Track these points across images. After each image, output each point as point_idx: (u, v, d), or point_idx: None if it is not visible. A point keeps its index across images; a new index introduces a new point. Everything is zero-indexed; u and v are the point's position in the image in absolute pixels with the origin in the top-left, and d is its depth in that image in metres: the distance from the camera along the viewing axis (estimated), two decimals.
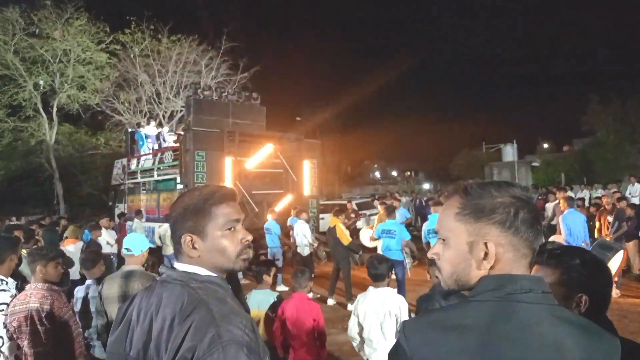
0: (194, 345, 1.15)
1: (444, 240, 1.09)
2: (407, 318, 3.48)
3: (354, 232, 12.00)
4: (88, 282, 4.15)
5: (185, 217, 1.37)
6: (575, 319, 1.00)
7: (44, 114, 21.59)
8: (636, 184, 13.26)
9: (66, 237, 8.04)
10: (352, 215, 13.51)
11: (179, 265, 1.38)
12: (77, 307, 4.04)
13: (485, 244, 1.02)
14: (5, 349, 3.09)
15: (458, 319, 0.97)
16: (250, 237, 1.43)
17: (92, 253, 4.35)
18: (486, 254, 1.02)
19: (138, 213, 11.34)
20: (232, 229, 1.38)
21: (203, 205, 1.37)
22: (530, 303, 0.96)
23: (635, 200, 12.01)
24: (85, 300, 4.01)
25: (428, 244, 7.44)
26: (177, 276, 1.33)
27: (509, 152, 31.35)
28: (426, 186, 36.53)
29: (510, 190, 1.04)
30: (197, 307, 1.21)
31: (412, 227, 16.70)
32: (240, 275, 9.99)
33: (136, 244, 3.51)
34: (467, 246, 1.04)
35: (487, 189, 1.05)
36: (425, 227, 7.67)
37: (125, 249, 3.50)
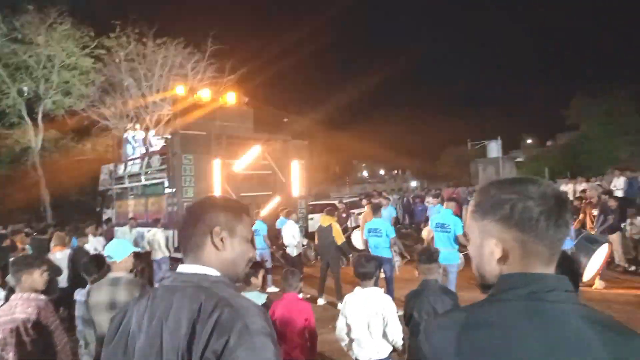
0: (223, 338, 1.16)
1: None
2: (393, 317, 3.51)
3: (344, 233, 12.04)
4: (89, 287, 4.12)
5: (218, 212, 1.40)
6: (601, 318, 0.97)
7: (28, 121, 21.30)
8: (621, 177, 13.42)
9: (54, 245, 7.97)
10: (344, 215, 13.56)
11: (186, 267, 1.37)
12: (78, 311, 4.02)
13: (491, 240, 1.05)
14: None
15: (480, 317, 0.98)
16: (253, 255, 1.50)
17: (96, 257, 4.26)
18: (492, 251, 1.04)
19: (157, 222, 10.64)
20: (248, 241, 1.45)
21: (237, 208, 1.45)
22: (554, 302, 0.97)
23: (619, 193, 12.19)
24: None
25: (432, 238, 7.44)
26: (188, 279, 1.32)
27: (494, 149, 31.72)
28: (414, 184, 36.71)
29: (518, 186, 1.03)
30: (219, 303, 1.23)
31: (400, 225, 16.81)
32: None
33: (117, 251, 3.48)
34: (480, 242, 1.08)
35: (496, 186, 1.07)
36: (434, 220, 7.63)
37: (107, 256, 3.48)
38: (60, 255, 7.53)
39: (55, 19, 20.28)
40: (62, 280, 7.43)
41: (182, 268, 1.38)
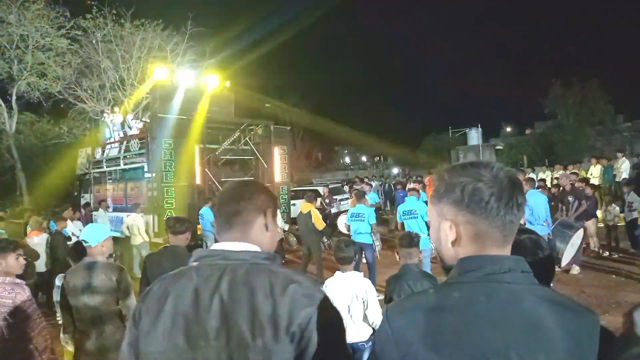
0: (306, 311, 1.21)
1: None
2: (373, 300, 3.55)
3: (328, 217, 12.09)
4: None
5: (269, 196, 1.47)
6: (555, 297, 1.01)
7: (1, 103, 20.71)
8: (597, 165, 13.72)
9: (30, 229, 7.84)
10: (327, 201, 13.61)
11: (234, 245, 1.35)
12: (56, 296, 3.96)
13: (446, 222, 1.06)
14: None
15: (440, 300, 0.99)
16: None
17: (78, 244, 4.18)
18: (447, 233, 1.06)
19: (136, 207, 10.55)
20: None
21: (275, 197, 1.55)
22: (510, 283, 0.98)
23: (595, 181, 12.47)
24: None
25: (403, 224, 7.62)
26: (241, 257, 1.32)
27: (474, 136, 32.11)
28: (395, 171, 36.95)
29: (470, 170, 1.05)
30: (287, 279, 1.27)
31: (382, 211, 16.94)
32: None
33: (92, 235, 3.42)
34: (437, 225, 1.10)
35: (450, 171, 1.09)
36: (401, 208, 7.81)
37: (83, 240, 3.43)
38: (37, 240, 7.41)
39: None
40: (40, 265, 7.33)
41: (228, 245, 1.36)
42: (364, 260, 7.59)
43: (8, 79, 20.64)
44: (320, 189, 15.09)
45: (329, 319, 1.25)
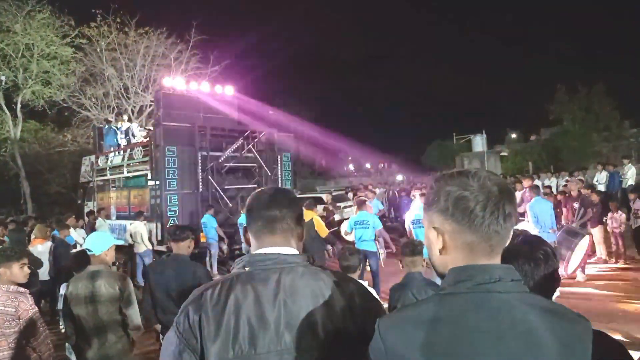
0: (371, 305, 1.32)
1: None
2: None
3: (332, 225, 12.05)
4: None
5: (301, 207, 1.51)
6: (546, 304, 1.00)
7: (7, 111, 20.88)
8: (603, 171, 13.63)
9: (34, 237, 7.82)
10: (330, 208, 13.59)
11: (280, 249, 1.37)
12: (60, 305, 3.95)
13: (433, 231, 1.07)
14: None
15: (431, 313, 0.98)
16: None
17: (80, 254, 4.16)
18: (434, 241, 1.07)
19: (140, 214, 10.29)
20: None
21: None
22: (501, 292, 0.98)
23: (601, 188, 12.39)
24: None
25: (411, 232, 7.54)
26: (292, 260, 1.35)
27: (479, 143, 32.12)
28: (399, 177, 36.92)
29: (458, 179, 1.04)
30: (344, 280, 1.37)
31: (386, 219, 16.89)
32: (215, 271, 9.93)
33: (97, 244, 3.43)
34: (427, 233, 1.10)
35: (439, 179, 1.08)
36: (409, 217, 7.72)
37: (87, 249, 3.43)
38: (41, 248, 7.40)
39: (33, 7, 19.84)
40: (44, 274, 7.31)
41: (277, 249, 1.37)
42: (368, 269, 7.53)
43: (13, 87, 20.84)
44: (324, 197, 15.07)
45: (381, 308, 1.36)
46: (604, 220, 9.19)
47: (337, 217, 13.98)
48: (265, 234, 1.40)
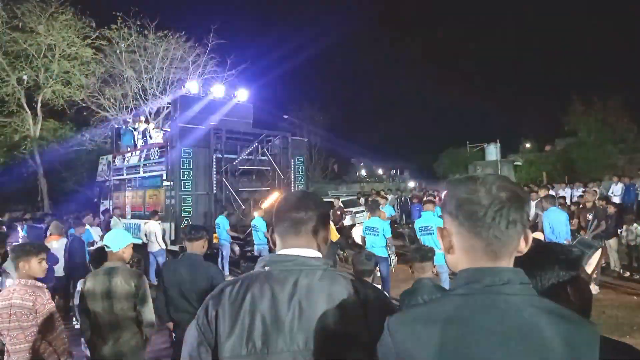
0: (387, 312, 1.25)
1: None
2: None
3: (341, 229, 12.08)
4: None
5: (326, 212, 1.53)
6: (554, 307, 1.00)
7: (27, 110, 21.25)
8: (619, 183, 13.47)
9: (50, 234, 7.97)
10: (338, 213, 13.59)
11: (302, 251, 1.40)
12: (76, 300, 4.02)
13: (442, 231, 1.12)
14: None
15: (440, 312, 1.00)
16: None
17: (99, 250, 4.22)
18: (444, 243, 1.11)
19: (154, 214, 10.32)
20: None
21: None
22: (509, 294, 0.99)
23: (616, 199, 12.24)
24: None
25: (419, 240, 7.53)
26: (313, 262, 1.37)
27: (492, 151, 31.87)
28: (411, 184, 36.76)
29: (466, 184, 1.08)
30: (362, 285, 1.36)
31: (397, 225, 16.84)
32: (226, 272, 10.00)
33: (115, 241, 3.49)
34: (440, 235, 1.14)
35: (450, 183, 1.13)
36: (418, 224, 7.72)
37: (105, 245, 3.50)
38: (56, 245, 7.53)
39: (56, 8, 20.22)
40: (59, 270, 7.44)
41: (299, 251, 1.40)
42: (379, 274, 7.53)
43: (34, 86, 21.20)
44: (334, 201, 15.10)
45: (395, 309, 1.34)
46: (619, 233, 9.08)
47: (348, 222, 13.98)
48: (290, 235, 1.43)
